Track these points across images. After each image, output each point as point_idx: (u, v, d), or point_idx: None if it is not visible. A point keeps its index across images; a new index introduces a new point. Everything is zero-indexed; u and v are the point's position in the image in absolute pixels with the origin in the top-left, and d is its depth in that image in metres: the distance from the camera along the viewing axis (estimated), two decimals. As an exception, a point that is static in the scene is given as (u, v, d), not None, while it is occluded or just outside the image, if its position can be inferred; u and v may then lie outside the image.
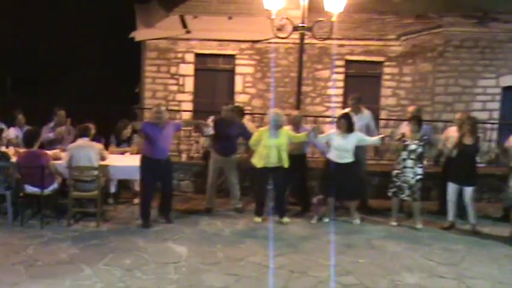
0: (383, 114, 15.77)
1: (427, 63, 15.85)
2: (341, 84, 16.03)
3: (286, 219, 11.45)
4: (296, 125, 11.84)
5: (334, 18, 12.40)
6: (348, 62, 16.08)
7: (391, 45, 15.90)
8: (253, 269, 9.14)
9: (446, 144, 11.71)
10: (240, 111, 12.44)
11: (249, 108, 14.93)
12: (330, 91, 15.80)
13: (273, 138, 11.13)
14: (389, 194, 11.72)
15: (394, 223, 11.73)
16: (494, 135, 15.12)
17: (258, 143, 11.26)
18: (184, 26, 15.78)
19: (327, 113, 15.38)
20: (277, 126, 11.10)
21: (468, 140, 11.38)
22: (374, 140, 11.61)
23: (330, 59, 15.79)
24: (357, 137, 11.38)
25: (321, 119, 14.56)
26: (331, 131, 11.52)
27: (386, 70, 16.08)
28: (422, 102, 15.87)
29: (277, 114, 11.19)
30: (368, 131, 11.95)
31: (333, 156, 11.40)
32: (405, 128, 11.76)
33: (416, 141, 11.32)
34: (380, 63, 16.11)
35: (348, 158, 11.35)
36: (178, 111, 15.22)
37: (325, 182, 11.62)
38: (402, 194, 11.56)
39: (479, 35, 15.84)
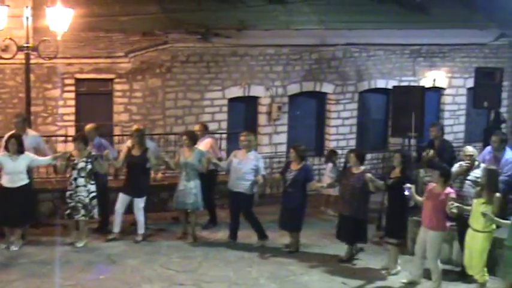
0: (117, 131, 15.87)
1: (156, 78, 16.23)
2: (72, 103, 15.85)
3: None
4: None
5: (59, 38, 12.37)
6: (78, 81, 15.91)
7: (120, 62, 16.02)
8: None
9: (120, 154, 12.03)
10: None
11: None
12: (61, 110, 15.59)
13: None
14: (65, 216, 11.51)
15: (74, 245, 11.48)
16: (224, 144, 15.98)
17: None
18: None
19: (59, 132, 15.17)
20: None
21: (136, 152, 11.89)
22: (47, 159, 11.58)
23: (59, 78, 15.55)
24: (28, 159, 11.17)
25: (53, 138, 14.53)
26: None
27: (117, 87, 16.16)
28: (154, 117, 16.28)
29: None
30: (37, 153, 11.79)
31: (5, 181, 11.06)
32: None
33: (84, 159, 11.37)
34: (110, 80, 16.18)
35: (22, 181, 11.07)
36: None
37: None
38: (78, 215, 11.35)
39: (204, 50, 16.57)
